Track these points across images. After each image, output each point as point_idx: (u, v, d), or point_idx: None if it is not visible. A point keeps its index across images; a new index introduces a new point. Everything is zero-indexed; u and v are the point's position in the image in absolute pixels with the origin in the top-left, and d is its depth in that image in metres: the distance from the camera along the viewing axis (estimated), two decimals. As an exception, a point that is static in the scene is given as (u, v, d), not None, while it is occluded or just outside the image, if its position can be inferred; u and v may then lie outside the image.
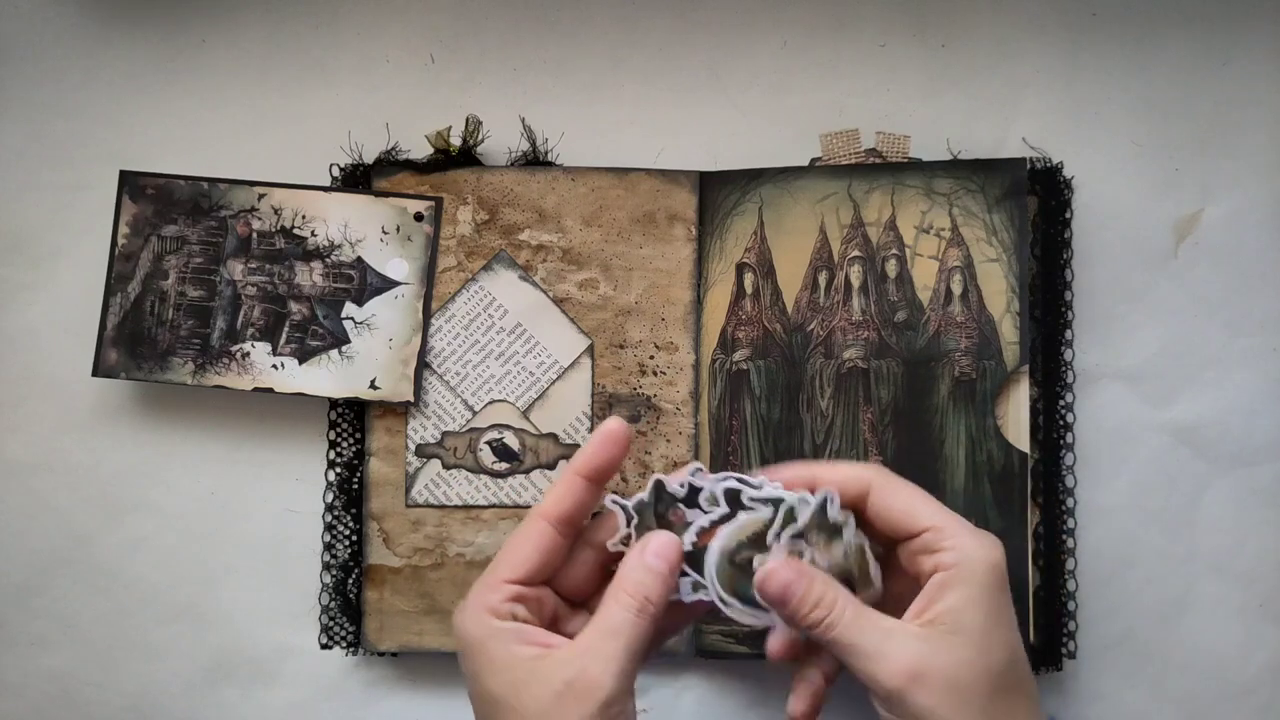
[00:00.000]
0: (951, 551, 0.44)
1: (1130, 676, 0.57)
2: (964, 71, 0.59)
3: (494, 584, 0.45)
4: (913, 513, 0.45)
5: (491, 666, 0.44)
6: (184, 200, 0.57)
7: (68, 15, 0.61)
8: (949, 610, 0.43)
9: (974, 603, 0.43)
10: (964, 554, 0.43)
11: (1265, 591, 0.57)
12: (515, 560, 0.46)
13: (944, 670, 0.42)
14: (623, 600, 0.44)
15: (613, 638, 0.43)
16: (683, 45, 0.59)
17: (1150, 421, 0.57)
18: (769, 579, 0.44)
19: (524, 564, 0.45)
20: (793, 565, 0.45)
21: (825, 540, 0.46)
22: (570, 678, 0.42)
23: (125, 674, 0.59)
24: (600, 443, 0.46)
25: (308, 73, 0.60)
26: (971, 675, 0.42)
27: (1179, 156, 0.58)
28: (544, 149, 0.58)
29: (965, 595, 0.43)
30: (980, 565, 0.43)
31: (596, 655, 0.43)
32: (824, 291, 0.56)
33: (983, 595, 0.43)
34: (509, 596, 0.45)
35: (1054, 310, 0.56)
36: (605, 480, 0.47)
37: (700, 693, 0.58)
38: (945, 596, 0.43)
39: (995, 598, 0.44)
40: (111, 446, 0.59)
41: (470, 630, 0.44)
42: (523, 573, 0.45)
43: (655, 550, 0.45)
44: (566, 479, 0.46)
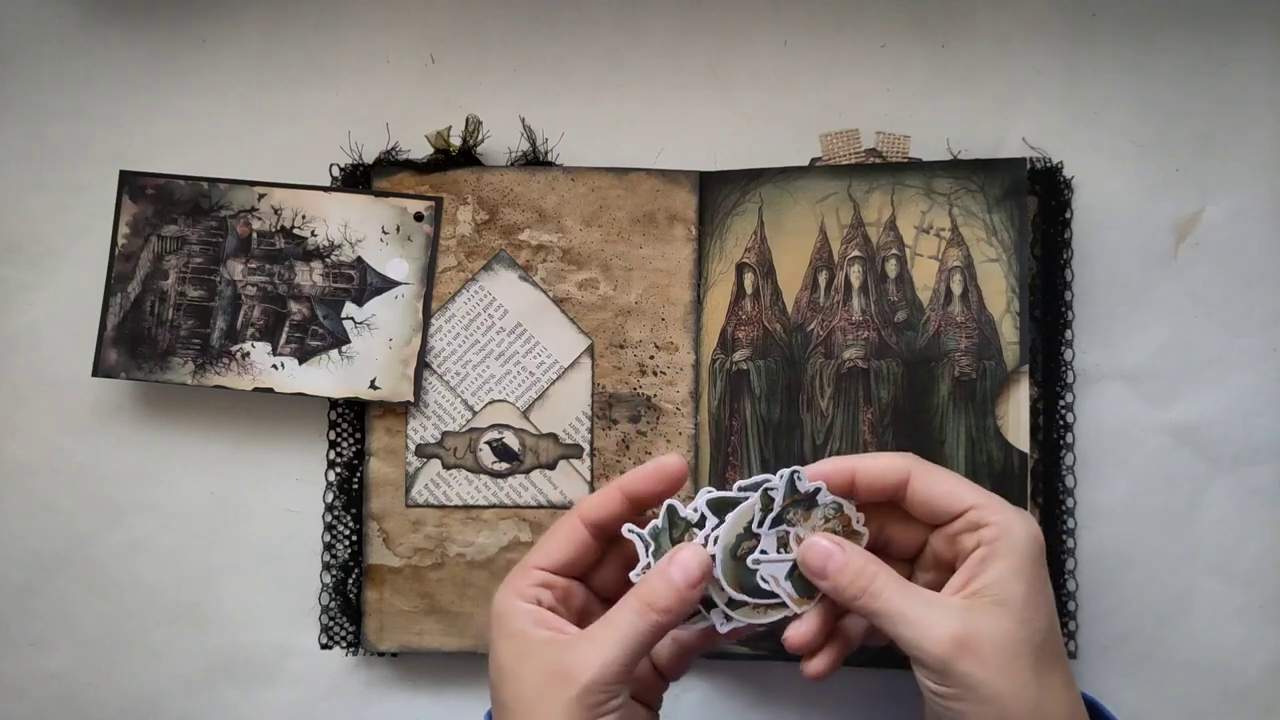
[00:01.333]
0: (994, 526, 0.45)
1: (1130, 676, 0.57)
2: (964, 71, 0.59)
3: (525, 569, 0.48)
4: (954, 494, 0.46)
5: (505, 638, 0.46)
6: (184, 200, 0.57)
7: (68, 15, 0.61)
8: (993, 582, 0.44)
9: (1017, 574, 0.44)
10: (1006, 528, 0.44)
11: (1265, 592, 0.57)
12: (547, 550, 0.48)
13: (990, 639, 0.43)
14: (629, 602, 0.45)
15: (608, 629, 0.45)
16: (683, 45, 0.59)
17: (1150, 421, 0.57)
18: (809, 551, 0.46)
19: (553, 555, 0.48)
20: (829, 538, 0.46)
21: (804, 512, 0.47)
22: (567, 662, 0.44)
23: (125, 674, 0.59)
24: (652, 473, 0.47)
25: (308, 73, 0.60)
26: (1016, 644, 0.43)
27: (1179, 156, 0.58)
28: (544, 149, 0.58)
29: (1008, 567, 0.44)
30: (1022, 538, 0.44)
31: (590, 642, 0.44)
32: (824, 291, 0.56)
33: (1025, 567, 0.44)
34: (536, 582, 0.47)
35: (1054, 310, 0.56)
36: (645, 506, 0.48)
37: (700, 693, 0.58)
38: (988, 569, 0.44)
39: (1036, 570, 0.44)
40: (111, 446, 0.59)
41: (497, 605, 0.47)
42: (551, 562, 0.48)
43: (679, 563, 0.45)
44: (610, 489, 0.48)
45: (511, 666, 0.45)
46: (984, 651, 0.43)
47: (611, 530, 0.48)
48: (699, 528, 0.46)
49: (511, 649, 0.45)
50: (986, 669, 0.43)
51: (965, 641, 0.43)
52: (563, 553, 0.48)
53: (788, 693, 0.57)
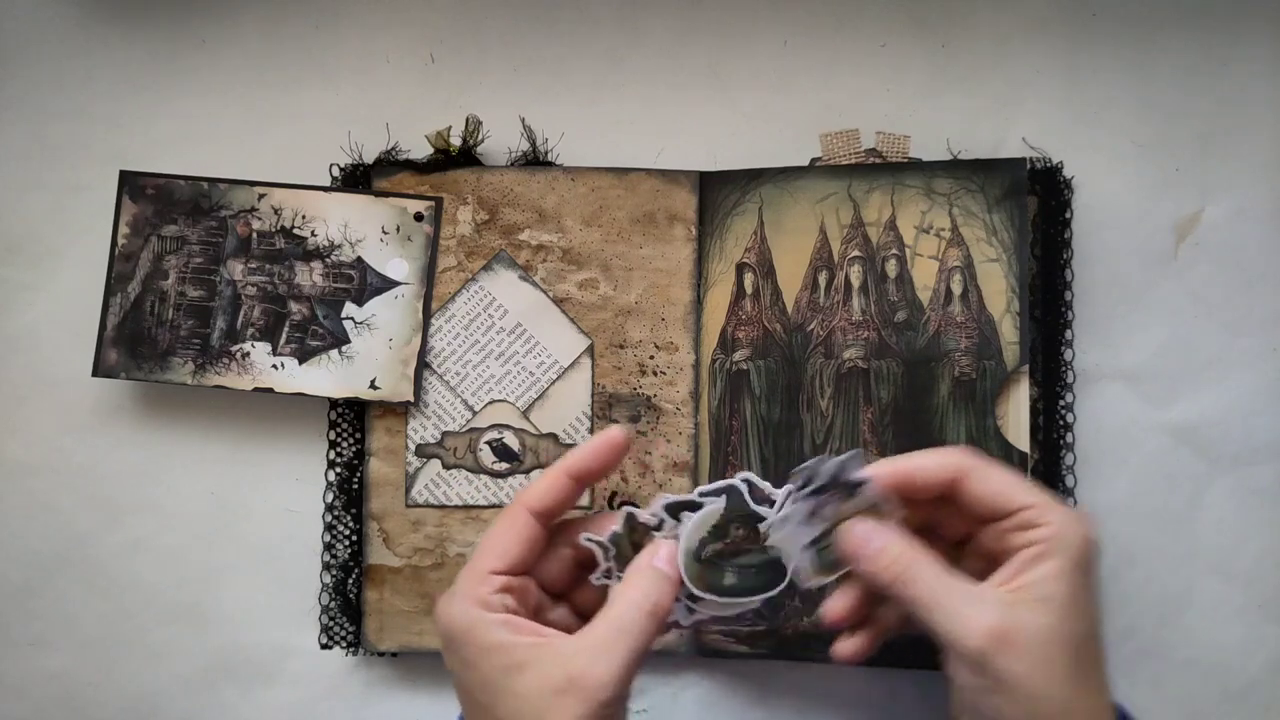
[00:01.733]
0: (1049, 527, 0.44)
1: (1130, 676, 0.57)
2: (964, 71, 0.59)
3: (481, 575, 0.45)
4: (1008, 493, 0.45)
5: (483, 653, 0.43)
6: (184, 200, 0.57)
7: (68, 15, 0.61)
8: (1038, 580, 0.43)
9: (1064, 574, 0.43)
10: (1060, 529, 0.44)
11: (1265, 591, 0.57)
12: (500, 550, 0.46)
13: (1029, 634, 0.42)
14: (635, 599, 0.44)
15: (623, 637, 0.43)
16: (683, 45, 0.59)
17: (1150, 421, 0.57)
18: (847, 533, 0.45)
19: (509, 554, 0.45)
20: (868, 521, 0.45)
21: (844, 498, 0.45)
22: (575, 673, 0.42)
23: (125, 674, 0.59)
24: (597, 448, 0.47)
25: (308, 73, 0.60)
26: (1054, 642, 0.42)
27: (1179, 156, 0.58)
28: (544, 149, 0.58)
29: (1057, 566, 0.43)
30: (1075, 540, 0.44)
31: (604, 653, 0.43)
32: (824, 291, 0.56)
33: (1073, 569, 0.43)
34: (498, 588, 0.45)
35: (1054, 310, 0.56)
36: (591, 484, 0.47)
37: (700, 693, 0.58)
38: (1036, 567, 0.44)
39: (1083, 572, 0.44)
40: (111, 446, 0.59)
41: (457, 619, 0.44)
42: (508, 563, 0.45)
43: (666, 557, 0.45)
44: (554, 475, 0.46)
45: (504, 682, 0.43)
46: (1021, 646, 0.42)
47: (557, 517, 0.47)
48: (658, 531, 0.46)
49: (499, 663, 0.43)
50: (1023, 664, 0.42)
51: (1004, 635, 0.42)
52: (516, 550, 0.45)
53: (787, 692, 0.57)
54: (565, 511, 0.47)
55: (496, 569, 0.45)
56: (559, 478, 0.46)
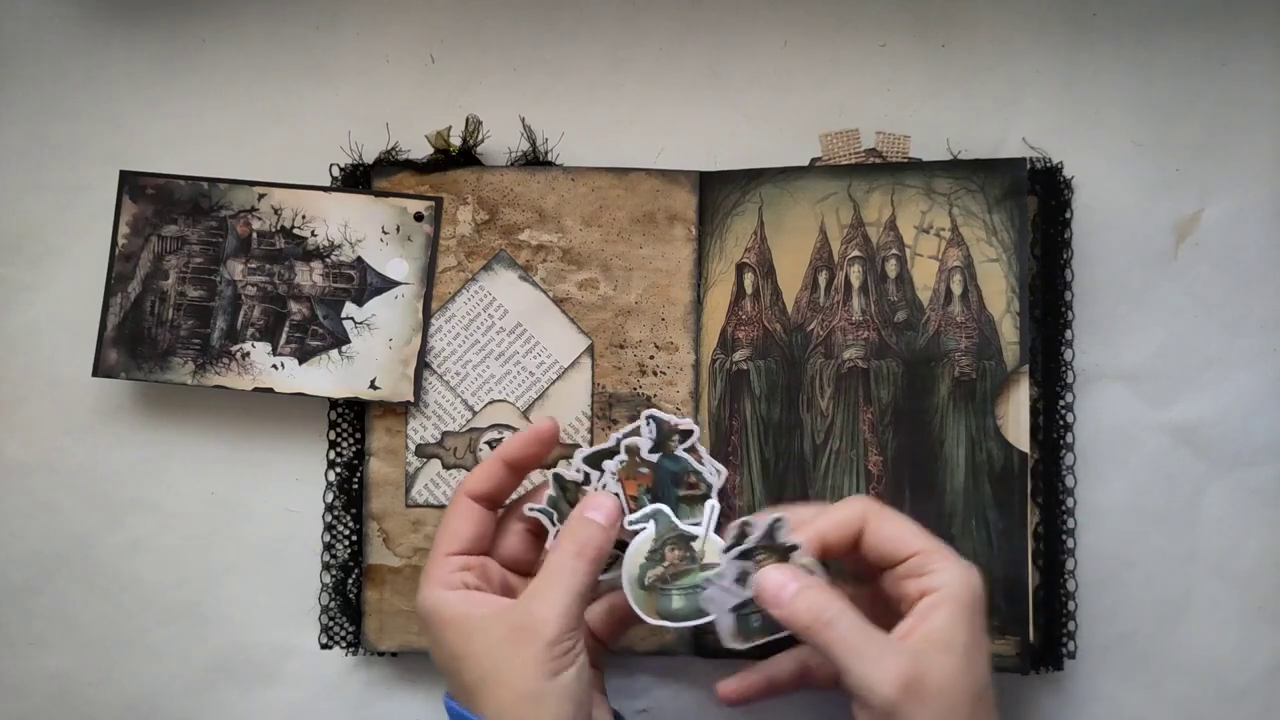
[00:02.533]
0: (940, 574, 0.46)
1: (1130, 677, 0.57)
2: (964, 71, 0.59)
3: (438, 559, 0.49)
4: (901, 539, 0.47)
5: (445, 626, 0.47)
6: (184, 200, 0.57)
7: (68, 15, 0.61)
8: (940, 628, 0.45)
9: (961, 622, 0.45)
10: (951, 577, 0.46)
11: (1265, 593, 0.57)
12: (450, 534, 0.49)
13: (937, 682, 0.44)
14: (564, 547, 0.47)
15: (554, 581, 0.46)
16: (683, 45, 0.59)
17: (1150, 421, 0.57)
18: (766, 578, 0.47)
19: (458, 536, 0.49)
20: (786, 569, 0.47)
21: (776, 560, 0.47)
22: (516, 622, 0.45)
23: (125, 674, 0.59)
24: (527, 439, 0.50)
25: (308, 73, 0.60)
26: (960, 690, 0.44)
27: (1179, 156, 0.58)
28: (544, 149, 0.58)
29: (953, 614, 0.45)
30: (965, 588, 0.45)
31: (539, 598, 0.46)
32: (824, 291, 0.56)
33: (968, 616, 0.45)
34: (455, 568, 0.49)
35: (1054, 310, 0.56)
36: (526, 472, 0.51)
37: (700, 693, 0.58)
38: (934, 616, 0.45)
39: (977, 619, 0.46)
40: (111, 446, 0.59)
41: (425, 602, 0.48)
42: (459, 544, 0.49)
43: (595, 506, 0.48)
44: (491, 462, 0.50)
45: (463, 648, 0.46)
46: (929, 695, 0.43)
47: (499, 501, 0.51)
48: (586, 485, 0.50)
49: (458, 634, 0.46)
50: (929, 712, 0.43)
51: (913, 683, 0.43)
52: (465, 532, 0.49)
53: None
54: (506, 496, 0.51)
55: (451, 550, 0.49)
56: (494, 464, 0.50)
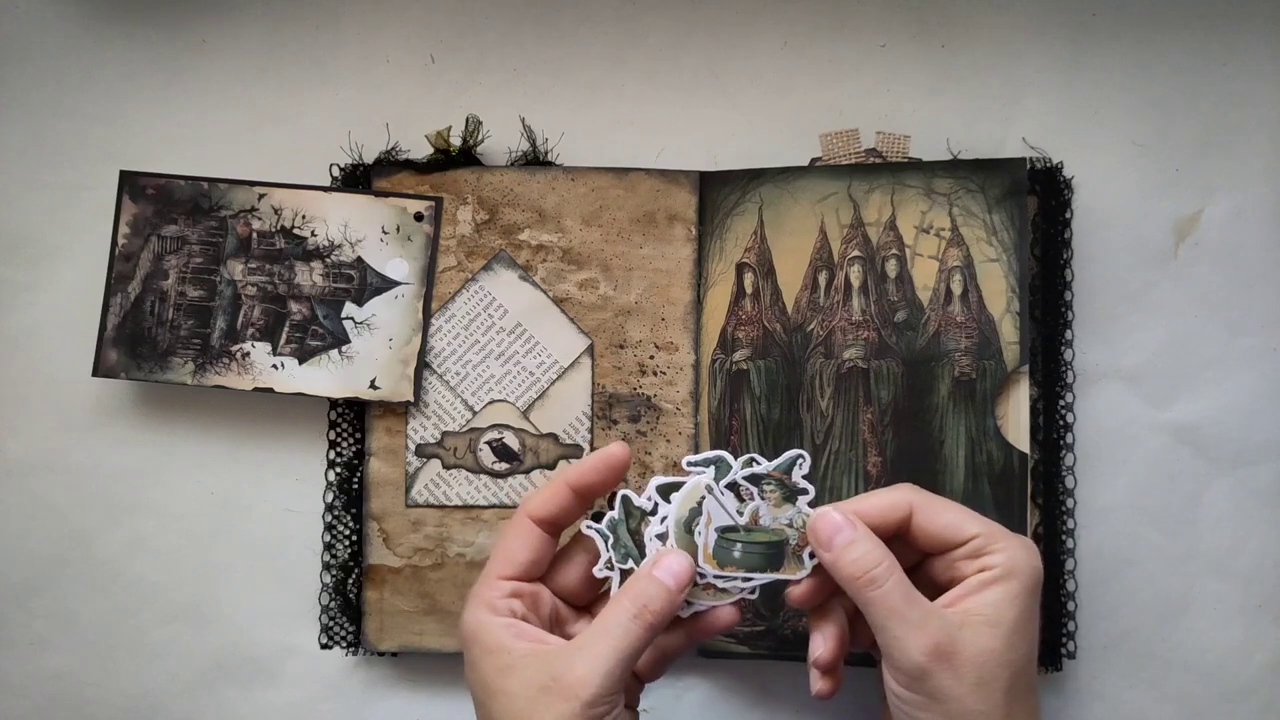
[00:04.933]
0: (1000, 554, 0.45)
1: (1130, 676, 0.57)
2: (964, 71, 0.59)
3: (490, 580, 0.47)
4: (958, 525, 0.46)
5: (485, 653, 0.45)
6: (184, 200, 0.57)
7: (68, 15, 0.61)
8: (989, 604, 0.44)
9: (1014, 599, 0.45)
10: (1013, 556, 0.45)
11: (1265, 591, 0.57)
12: (507, 556, 0.47)
13: (972, 655, 0.43)
14: (622, 604, 0.45)
15: (604, 638, 0.44)
16: (683, 45, 0.59)
17: (1150, 421, 0.57)
18: (820, 519, 0.46)
19: (515, 560, 0.47)
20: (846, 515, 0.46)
21: (779, 498, 0.47)
22: (558, 673, 0.43)
23: (125, 674, 0.59)
24: (598, 464, 0.48)
25: (308, 73, 0.60)
26: (996, 665, 0.44)
27: (1179, 156, 0.58)
28: (544, 149, 0.58)
29: (1007, 592, 0.45)
30: (1024, 568, 0.45)
31: (585, 653, 0.44)
32: (824, 291, 0.56)
33: (1021, 595, 0.45)
34: (507, 593, 0.47)
35: (1054, 310, 0.56)
36: (593, 498, 0.48)
37: (701, 693, 0.58)
38: (987, 591, 0.45)
39: (1030, 599, 0.45)
40: (111, 446, 0.59)
41: (468, 622, 0.46)
42: (515, 569, 0.47)
43: (665, 566, 0.46)
44: (556, 485, 0.48)
45: (497, 683, 0.44)
46: (963, 666, 0.43)
47: (561, 526, 0.48)
48: (653, 515, 0.47)
49: (495, 664, 0.45)
50: (961, 684, 0.43)
51: (947, 652, 0.43)
52: (523, 556, 0.47)
53: (787, 692, 0.57)
54: (569, 522, 0.48)
55: (504, 574, 0.47)
56: (559, 487, 0.48)
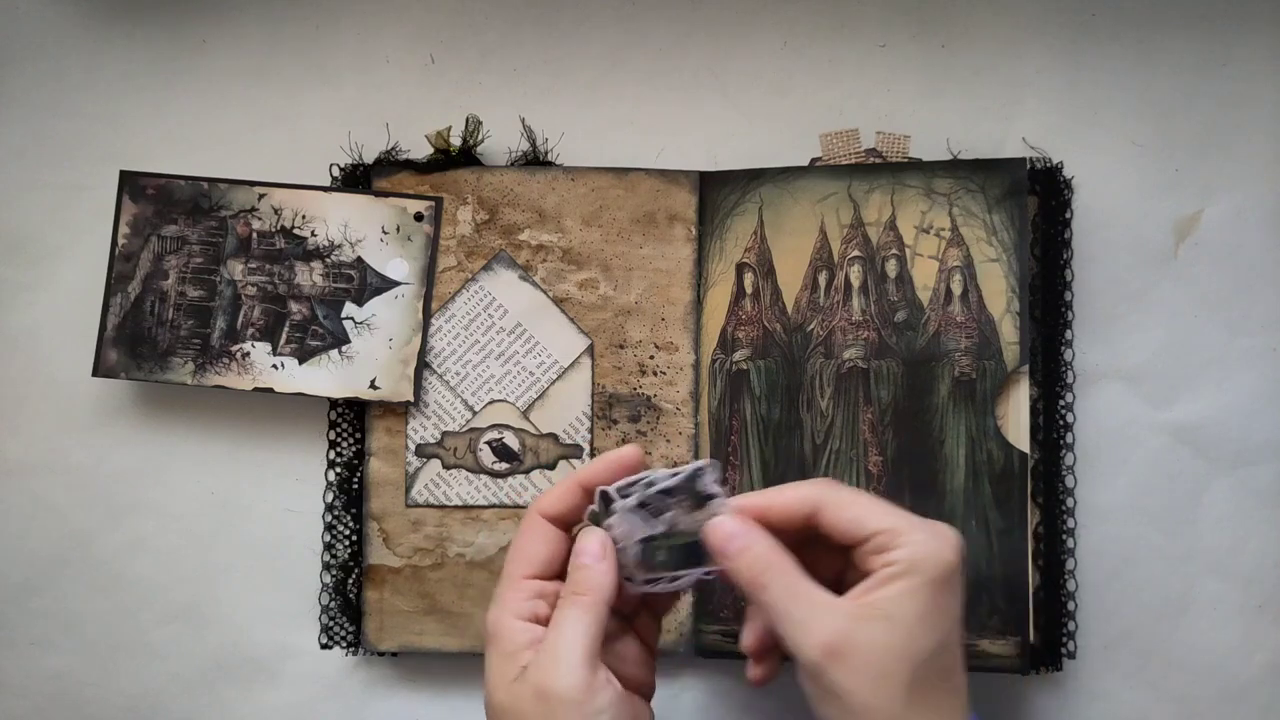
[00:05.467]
0: (903, 549, 0.44)
1: (1130, 676, 0.57)
2: (964, 71, 0.59)
3: (514, 581, 0.47)
4: (861, 520, 0.45)
5: (501, 659, 0.45)
6: (184, 200, 0.57)
7: (68, 15, 0.61)
8: (886, 598, 0.43)
9: (913, 594, 0.43)
10: (914, 552, 0.44)
11: (1265, 591, 0.57)
12: (527, 556, 0.47)
13: (865, 652, 0.43)
14: (566, 598, 0.46)
15: (559, 633, 0.45)
16: (683, 45, 0.59)
17: (1150, 421, 0.57)
18: (714, 528, 0.46)
19: (536, 560, 0.47)
20: (739, 521, 0.46)
21: (691, 505, 0.47)
22: (540, 683, 0.44)
23: (125, 674, 0.59)
24: (611, 464, 0.48)
25: (308, 73, 0.60)
26: (892, 661, 0.43)
27: (1179, 156, 0.58)
28: (544, 149, 0.58)
29: (906, 587, 0.43)
30: (929, 562, 0.44)
31: (551, 656, 0.44)
32: (824, 291, 0.56)
33: (924, 588, 0.44)
34: (531, 594, 0.47)
35: (1054, 310, 0.56)
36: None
37: (700, 693, 0.58)
38: (886, 587, 0.44)
39: (935, 590, 0.44)
40: (111, 446, 0.59)
41: (493, 622, 0.46)
42: (534, 568, 0.47)
43: (579, 549, 0.47)
44: (568, 484, 0.48)
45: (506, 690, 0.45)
46: (857, 662, 0.42)
47: (573, 525, 0.48)
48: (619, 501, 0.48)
49: (506, 671, 0.45)
50: (856, 680, 0.42)
51: (840, 649, 0.43)
52: (543, 554, 0.47)
53: (784, 692, 0.57)
54: (578, 521, 0.48)
55: (526, 574, 0.47)
56: (571, 486, 0.48)
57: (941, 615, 0.44)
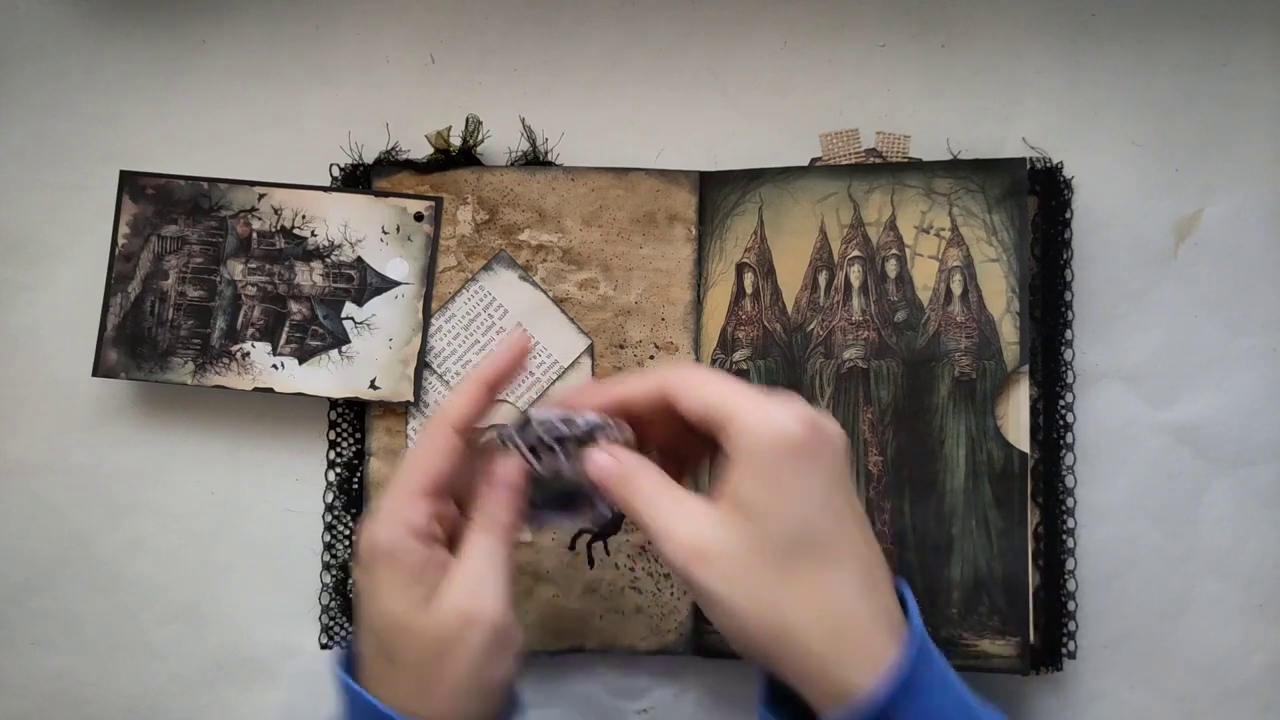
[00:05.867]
0: (730, 426, 0.42)
1: (1130, 676, 0.57)
2: (964, 71, 0.59)
3: (411, 497, 0.45)
4: (705, 403, 0.43)
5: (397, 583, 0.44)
6: (184, 200, 0.57)
7: (68, 15, 0.61)
8: (732, 487, 0.42)
9: (752, 476, 0.41)
10: (742, 429, 0.42)
11: (1265, 591, 0.57)
12: (430, 471, 0.45)
13: (724, 548, 0.41)
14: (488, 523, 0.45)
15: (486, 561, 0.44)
16: (683, 45, 0.59)
17: (1150, 421, 0.57)
18: (589, 465, 0.45)
19: (439, 475, 0.45)
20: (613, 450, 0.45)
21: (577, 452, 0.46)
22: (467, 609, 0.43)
23: (125, 674, 0.59)
24: (508, 354, 0.47)
25: (308, 73, 0.60)
26: (749, 554, 0.41)
27: (1179, 156, 0.58)
28: (544, 149, 0.58)
29: (744, 470, 0.42)
30: (759, 439, 0.42)
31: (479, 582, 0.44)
32: (824, 291, 0.56)
33: (763, 467, 0.41)
34: (429, 513, 0.45)
35: (1054, 310, 0.56)
36: (502, 389, 0.48)
37: (700, 693, 0.58)
38: (729, 475, 0.42)
39: (780, 468, 0.41)
40: (111, 446, 0.59)
41: (384, 539, 0.44)
42: (438, 483, 0.45)
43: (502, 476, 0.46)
44: (471, 388, 0.47)
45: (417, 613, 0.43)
46: (717, 561, 0.41)
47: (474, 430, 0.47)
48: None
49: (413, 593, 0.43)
50: (720, 579, 0.41)
51: (700, 552, 0.41)
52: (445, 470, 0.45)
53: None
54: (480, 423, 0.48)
55: (428, 490, 0.45)
56: (477, 388, 0.47)
57: (790, 496, 0.41)
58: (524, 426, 0.47)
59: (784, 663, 0.41)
